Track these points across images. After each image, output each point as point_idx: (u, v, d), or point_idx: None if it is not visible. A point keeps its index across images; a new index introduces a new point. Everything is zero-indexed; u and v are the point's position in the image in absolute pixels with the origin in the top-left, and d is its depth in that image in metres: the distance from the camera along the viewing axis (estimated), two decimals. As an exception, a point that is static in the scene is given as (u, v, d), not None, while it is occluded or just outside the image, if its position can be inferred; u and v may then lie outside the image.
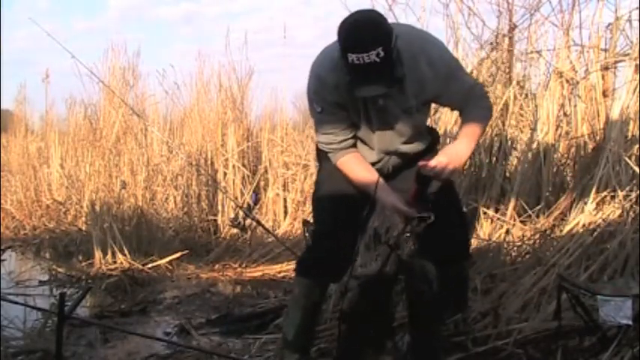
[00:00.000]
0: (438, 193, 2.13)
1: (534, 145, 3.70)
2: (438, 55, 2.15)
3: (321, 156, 2.37)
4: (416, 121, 2.25)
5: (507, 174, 3.87)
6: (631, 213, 2.94)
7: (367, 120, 2.18)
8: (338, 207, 2.26)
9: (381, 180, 2.15)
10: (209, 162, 6.10)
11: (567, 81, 3.64)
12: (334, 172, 2.28)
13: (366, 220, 2.13)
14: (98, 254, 4.77)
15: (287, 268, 4.52)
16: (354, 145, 2.25)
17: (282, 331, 2.50)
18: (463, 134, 2.21)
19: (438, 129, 3.16)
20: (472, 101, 2.24)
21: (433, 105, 2.44)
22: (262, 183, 6.03)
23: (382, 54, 1.91)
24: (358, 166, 2.22)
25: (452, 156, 2.13)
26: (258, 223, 4.85)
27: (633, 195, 3.01)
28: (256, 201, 5.89)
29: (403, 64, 2.04)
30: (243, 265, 4.82)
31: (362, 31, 1.95)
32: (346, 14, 2.05)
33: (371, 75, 1.95)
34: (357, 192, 2.22)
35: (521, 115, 4.04)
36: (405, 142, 2.26)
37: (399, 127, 2.21)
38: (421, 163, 2.11)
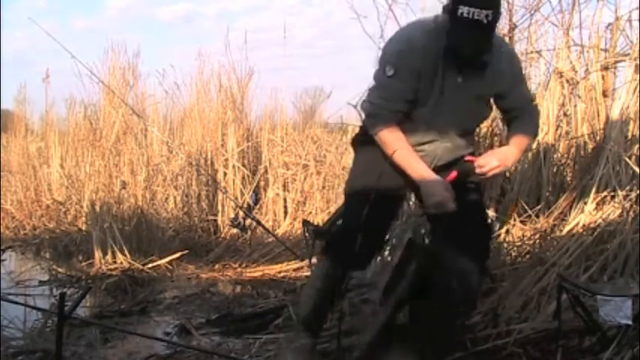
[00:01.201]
0: (469, 192, 2.15)
1: (534, 145, 3.70)
2: (516, 55, 2.27)
3: (358, 145, 2.36)
4: (479, 114, 2.28)
5: (507, 174, 3.87)
6: (631, 213, 2.94)
7: (438, 95, 2.16)
8: (370, 204, 2.21)
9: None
10: (209, 162, 6.11)
11: (567, 81, 3.64)
12: (370, 166, 2.27)
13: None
14: (98, 254, 4.77)
15: (287, 268, 4.52)
16: (400, 122, 2.22)
17: (296, 310, 2.55)
18: (515, 142, 2.25)
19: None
20: (529, 113, 2.30)
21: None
22: (262, 183, 6.03)
23: (491, 18, 1.98)
24: (401, 140, 2.19)
25: (502, 159, 2.18)
26: (258, 223, 4.86)
27: (633, 195, 3.01)
28: (256, 201, 5.89)
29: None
30: (243, 265, 4.82)
31: None
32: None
33: (473, 31, 1.99)
34: (390, 186, 2.22)
35: (521, 115, 4.04)
36: (461, 134, 2.25)
37: (465, 113, 2.21)
38: (469, 157, 2.14)
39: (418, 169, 2.17)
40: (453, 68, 2.12)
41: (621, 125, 3.28)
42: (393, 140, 2.18)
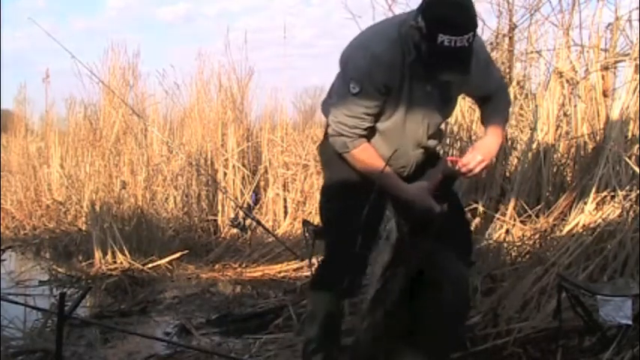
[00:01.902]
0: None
1: (534, 145, 3.70)
2: (480, 44, 2.11)
3: (330, 161, 2.25)
4: (449, 111, 2.22)
5: (507, 174, 3.87)
6: (631, 213, 2.94)
7: (406, 106, 2.07)
8: (354, 223, 2.13)
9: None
10: (209, 162, 6.11)
11: (567, 81, 3.64)
12: (346, 182, 2.18)
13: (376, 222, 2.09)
14: (98, 254, 4.76)
15: (287, 268, 4.52)
16: (368, 136, 2.14)
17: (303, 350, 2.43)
18: (493, 130, 2.17)
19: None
20: (500, 94, 2.22)
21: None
22: (262, 183, 6.03)
23: (471, 39, 1.85)
24: (376, 157, 2.11)
25: (486, 153, 2.11)
26: (258, 223, 4.86)
27: (633, 195, 3.01)
28: (256, 201, 5.89)
29: None
30: (243, 265, 4.82)
31: (461, 13, 1.86)
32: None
33: (455, 59, 1.86)
34: (370, 200, 2.10)
35: (521, 115, 4.05)
36: (430, 137, 2.19)
37: (435, 116, 2.15)
38: (451, 158, 2.10)
39: (397, 186, 2.12)
40: (421, 78, 2.03)
41: (621, 125, 3.28)
42: (366, 158, 2.11)
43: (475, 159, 2.08)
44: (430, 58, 1.89)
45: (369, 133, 2.12)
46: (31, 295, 4.13)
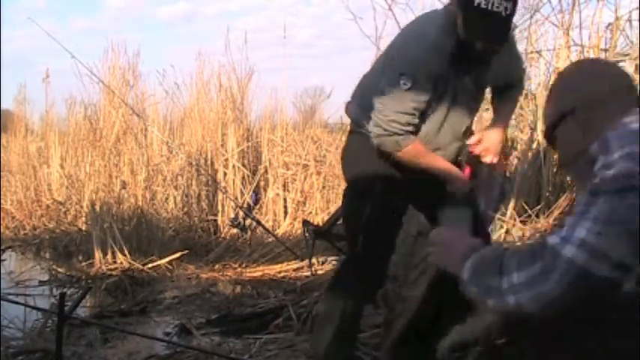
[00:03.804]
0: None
1: (534, 145, 3.70)
2: (513, 39, 2.19)
3: (358, 160, 2.23)
4: (479, 106, 2.24)
5: (507, 174, 3.87)
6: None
7: (451, 99, 2.07)
8: (388, 220, 2.18)
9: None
10: (209, 162, 6.10)
11: (567, 81, 3.63)
12: (378, 179, 2.18)
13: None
14: (98, 254, 4.76)
15: (287, 268, 4.51)
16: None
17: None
18: (502, 119, 2.25)
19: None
20: (519, 83, 2.27)
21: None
22: (262, 183, 6.03)
23: (510, 10, 1.85)
24: (426, 152, 2.11)
25: (491, 146, 2.17)
26: (258, 223, 4.86)
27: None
28: (256, 201, 5.89)
29: None
30: (243, 265, 4.82)
31: None
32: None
33: (490, 26, 1.86)
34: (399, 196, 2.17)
35: (521, 115, 4.05)
36: (465, 131, 2.20)
37: (473, 109, 2.17)
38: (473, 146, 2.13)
39: (442, 163, 2.15)
40: (463, 67, 2.03)
41: (621, 125, 3.28)
42: (417, 154, 2.10)
43: (494, 146, 2.14)
44: (465, 22, 1.88)
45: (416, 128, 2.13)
46: (31, 295, 4.13)
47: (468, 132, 2.25)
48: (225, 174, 6.02)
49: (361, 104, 2.22)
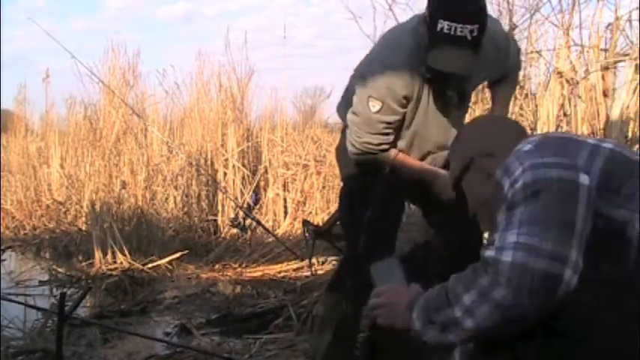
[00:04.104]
0: None
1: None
2: (502, 32, 2.11)
3: (351, 161, 2.21)
4: (465, 108, 2.22)
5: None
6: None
7: (427, 113, 2.06)
8: (386, 219, 2.16)
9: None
10: (209, 162, 6.10)
11: (567, 81, 3.64)
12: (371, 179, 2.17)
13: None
14: (98, 254, 4.77)
15: (287, 268, 4.52)
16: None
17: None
18: (502, 102, 2.22)
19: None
20: (516, 71, 2.25)
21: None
22: (262, 183, 6.03)
23: (475, 33, 1.80)
24: (408, 158, 2.11)
25: None
26: (258, 223, 4.86)
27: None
28: (256, 201, 5.89)
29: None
30: (243, 265, 4.82)
31: (464, 1, 1.84)
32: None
33: (454, 53, 1.82)
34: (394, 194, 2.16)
35: (521, 115, 4.04)
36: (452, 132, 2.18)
37: (455, 116, 2.13)
38: None
39: (425, 166, 2.14)
40: (438, 84, 2.01)
41: (621, 125, 3.28)
42: (399, 163, 2.10)
43: None
44: (429, 48, 1.85)
45: (395, 139, 2.11)
46: (31, 295, 4.13)
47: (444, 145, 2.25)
48: (225, 174, 6.02)
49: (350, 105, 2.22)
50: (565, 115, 3.71)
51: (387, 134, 2.05)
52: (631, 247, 1.19)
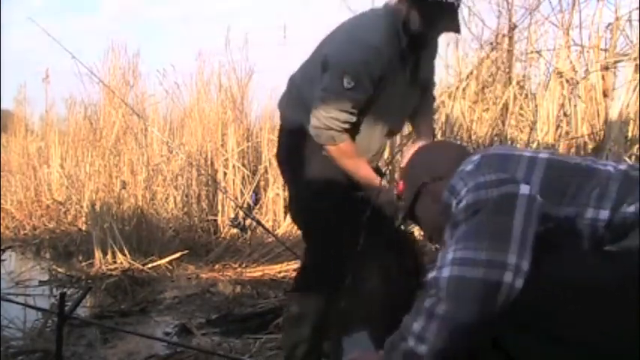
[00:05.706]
0: None
1: (534, 145, 3.70)
2: None
3: (310, 159, 2.20)
4: (417, 99, 2.27)
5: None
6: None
7: (391, 96, 2.11)
8: (349, 219, 2.14)
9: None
10: (209, 162, 6.10)
11: (567, 81, 3.64)
12: (334, 178, 2.17)
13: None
14: (98, 254, 4.77)
15: (287, 268, 4.51)
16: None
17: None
18: (426, 131, 2.30)
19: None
20: (432, 88, 2.35)
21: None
22: (262, 183, 6.03)
23: (459, 2, 1.96)
24: (355, 151, 2.14)
25: None
26: (258, 223, 4.84)
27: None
28: (256, 201, 5.88)
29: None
30: (243, 265, 4.82)
31: None
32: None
33: (445, 16, 1.96)
34: (357, 195, 2.16)
35: (521, 115, 4.05)
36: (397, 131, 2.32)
37: (412, 103, 2.23)
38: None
39: (366, 171, 2.16)
40: (403, 63, 2.10)
41: (621, 125, 3.29)
42: (348, 152, 2.13)
43: None
44: (425, 14, 1.96)
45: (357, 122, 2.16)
46: (31, 295, 4.13)
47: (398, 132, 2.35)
48: (225, 174, 6.02)
49: (293, 101, 2.29)
50: (565, 115, 3.71)
51: (353, 113, 2.10)
52: (583, 238, 1.24)
